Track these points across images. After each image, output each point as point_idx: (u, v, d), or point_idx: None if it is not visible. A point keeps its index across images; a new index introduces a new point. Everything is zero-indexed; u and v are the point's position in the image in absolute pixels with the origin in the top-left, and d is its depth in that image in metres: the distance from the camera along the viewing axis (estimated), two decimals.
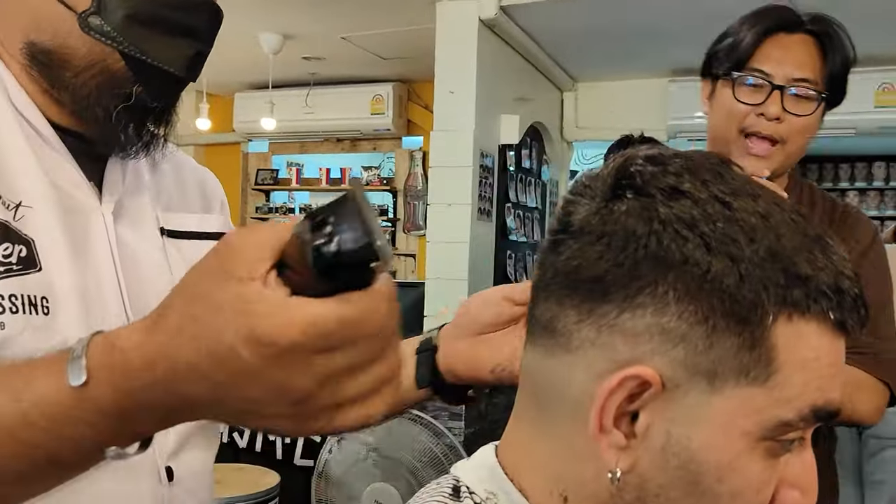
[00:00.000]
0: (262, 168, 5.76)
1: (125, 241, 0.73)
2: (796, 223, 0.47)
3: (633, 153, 0.50)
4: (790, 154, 1.17)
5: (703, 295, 0.45)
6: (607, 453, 0.47)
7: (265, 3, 3.61)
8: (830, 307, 0.45)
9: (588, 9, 3.41)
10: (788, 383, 0.45)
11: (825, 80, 1.16)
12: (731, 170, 0.49)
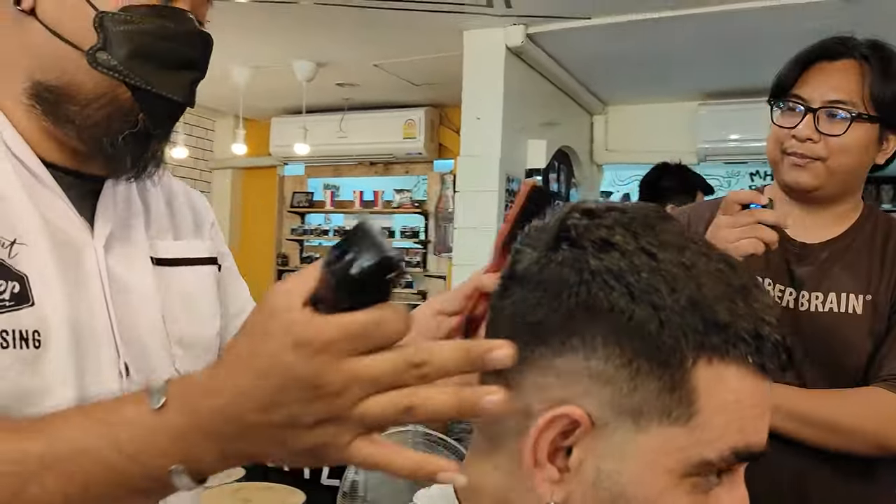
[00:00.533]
0: (298, 191, 5.88)
1: (116, 273, 0.76)
2: (721, 273, 0.50)
3: (575, 205, 0.54)
4: (834, 171, 1.20)
5: (627, 340, 0.48)
6: (542, 486, 0.51)
7: (299, 32, 3.73)
8: (749, 352, 0.48)
9: (616, 35, 3.45)
10: (709, 425, 0.48)
11: (870, 102, 1.19)
12: (666, 222, 0.52)
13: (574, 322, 0.49)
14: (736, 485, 0.53)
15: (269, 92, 4.83)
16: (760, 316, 0.49)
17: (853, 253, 1.25)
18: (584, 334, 0.49)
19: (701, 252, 0.50)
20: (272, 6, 3.37)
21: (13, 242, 0.69)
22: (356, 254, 0.44)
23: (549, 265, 0.51)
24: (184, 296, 0.84)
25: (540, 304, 0.51)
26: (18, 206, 0.70)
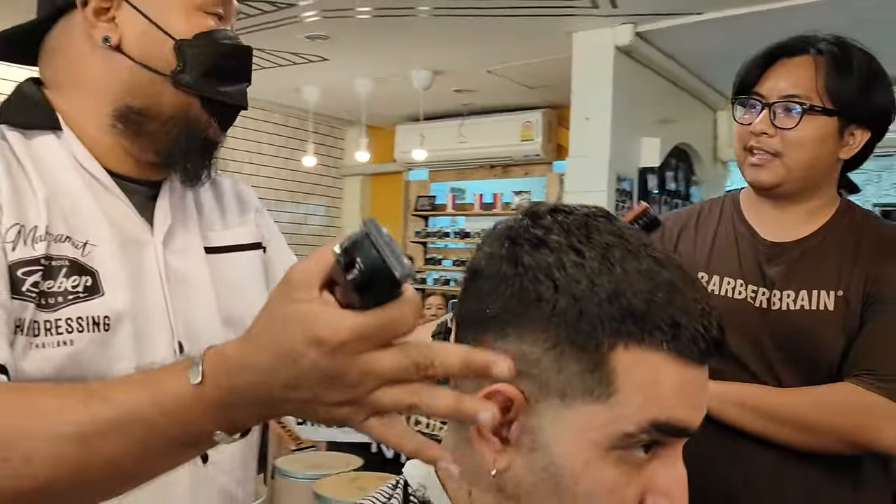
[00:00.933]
0: (422, 195, 6.08)
1: (173, 265, 0.89)
2: (647, 270, 0.55)
3: (528, 207, 0.61)
4: (791, 167, 1.21)
5: (552, 327, 0.54)
6: (487, 456, 0.58)
7: (415, 44, 3.89)
8: (665, 339, 0.53)
9: (731, 28, 3.35)
10: (628, 402, 0.54)
11: (826, 96, 1.19)
12: (608, 223, 0.58)
13: (510, 311, 0.56)
14: (673, 462, 0.57)
15: (392, 101, 5.05)
16: (680, 308, 0.54)
17: (824, 250, 1.23)
18: (518, 322, 0.56)
19: (630, 251, 0.56)
20: (391, 20, 3.54)
21: (85, 243, 0.81)
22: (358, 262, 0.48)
23: (493, 261, 0.58)
24: (233, 279, 0.95)
25: (487, 295, 0.58)
26: (88, 212, 0.83)
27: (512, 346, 0.56)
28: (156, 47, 0.84)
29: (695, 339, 0.54)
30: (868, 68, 1.21)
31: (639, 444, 0.55)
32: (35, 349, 0.76)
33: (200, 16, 0.85)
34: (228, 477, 0.91)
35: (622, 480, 0.56)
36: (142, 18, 0.84)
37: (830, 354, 1.20)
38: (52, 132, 0.86)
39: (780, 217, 1.27)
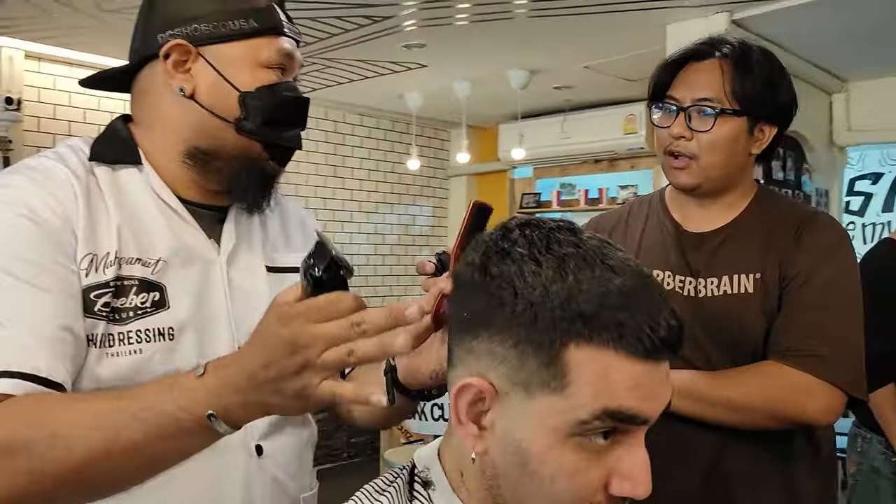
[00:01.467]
0: (527, 192, 6.13)
1: (236, 281, 1.02)
2: (600, 277, 0.62)
3: (505, 222, 0.69)
4: (707, 168, 1.29)
5: (514, 328, 0.62)
6: (466, 440, 0.66)
7: (510, 45, 3.96)
8: (612, 338, 0.60)
9: (838, 7, 3.21)
10: (581, 393, 0.61)
11: (732, 98, 1.26)
12: (571, 235, 0.65)
13: (481, 315, 0.65)
14: (635, 448, 0.64)
15: (492, 101, 5.13)
16: (627, 310, 0.60)
17: (743, 235, 1.29)
18: (488, 324, 0.64)
19: (585, 260, 0.63)
20: (486, 24, 3.63)
21: (158, 261, 0.95)
22: (318, 261, 0.68)
23: (469, 270, 0.67)
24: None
25: (464, 300, 0.67)
26: (160, 234, 0.97)
27: (484, 345, 0.65)
28: (223, 97, 0.97)
29: (639, 338, 0.60)
30: (768, 67, 1.28)
31: (596, 431, 0.62)
32: (109, 357, 0.89)
33: (263, 71, 0.98)
34: (280, 469, 1.02)
35: (583, 465, 0.63)
36: (213, 72, 0.97)
37: (754, 336, 1.27)
38: (135, 166, 1.00)
39: (701, 210, 1.34)
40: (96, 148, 0.99)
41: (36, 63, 4.08)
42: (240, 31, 0.97)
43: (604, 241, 0.66)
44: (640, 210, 1.47)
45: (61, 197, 0.90)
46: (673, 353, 0.64)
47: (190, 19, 0.98)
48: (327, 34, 3.71)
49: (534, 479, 0.64)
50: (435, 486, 0.73)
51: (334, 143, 5.46)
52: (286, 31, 1.01)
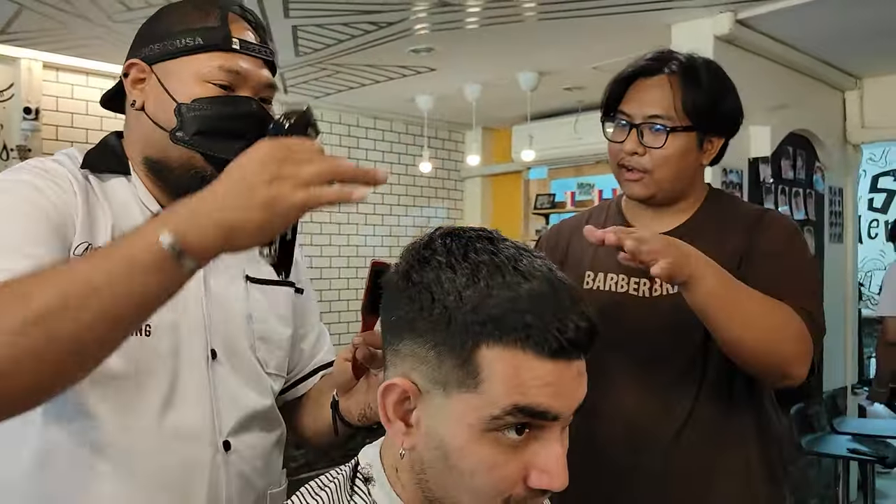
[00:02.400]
0: (541, 193, 6.14)
1: (213, 287, 1.07)
2: (511, 283, 0.65)
3: (431, 233, 0.73)
4: (659, 182, 1.33)
5: (431, 331, 0.66)
6: (395, 437, 0.70)
7: (519, 48, 3.98)
8: (519, 338, 0.63)
9: (846, 4, 3.19)
10: (492, 391, 0.64)
11: (683, 114, 1.30)
12: (490, 244, 0.69)
13: (405, 318, 0.68)
14: (551, 443, 0.67)
15: (504, 103, 5.15)
16: (534, 313, 0.64)
17: (694, 235, 1.32)
18: (411, 327, 0.68)
19: (498, 267, 0.66)
20: (495, 27, 3.66)
21: None
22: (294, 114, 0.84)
23: (395, 277, 0.71)
24: (267, 305, 1.12)
25: (391, 305, 0.70)
26: None
27: (407, 347, 0.68)
28: (164, 109, 1.02)
29: (546, 338, 0.63)
30: (715, 81, 1.31)
31: (509, 426, 0.65)
32: None
33: (204, 85, 1.01)
34: (248, 465, 1.05)
35: (500, 459, 0.66)
36: (159, 85, 1.02)
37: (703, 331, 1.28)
38: (124, 176, 1.06)
39: (655, 215, 1.38)
40: (88, 158, 1.06)
41: (54, 73, 4.19)
42: (184, 48, 1.01)
43: (522, 249, 0.69)
44: (598, 215, 1.51)
45: (64, 190, 0.98)
46: (583, 352, 0.67)
47: (149, 41, 1.05)
48: (335, 40, 3.76)
49: (455, 473, 0.67)
50: (375, 481, 0.76)
51: (348, 146, 5.52)
52: (236, 48, 1.03)
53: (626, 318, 1.35)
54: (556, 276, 0.67)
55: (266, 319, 1.11)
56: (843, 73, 4.24)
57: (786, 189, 3.90)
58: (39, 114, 4.05)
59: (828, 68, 4.10)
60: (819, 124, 4.16)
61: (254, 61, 1.04)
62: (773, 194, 3.80)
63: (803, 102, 4.03)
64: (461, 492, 0.68)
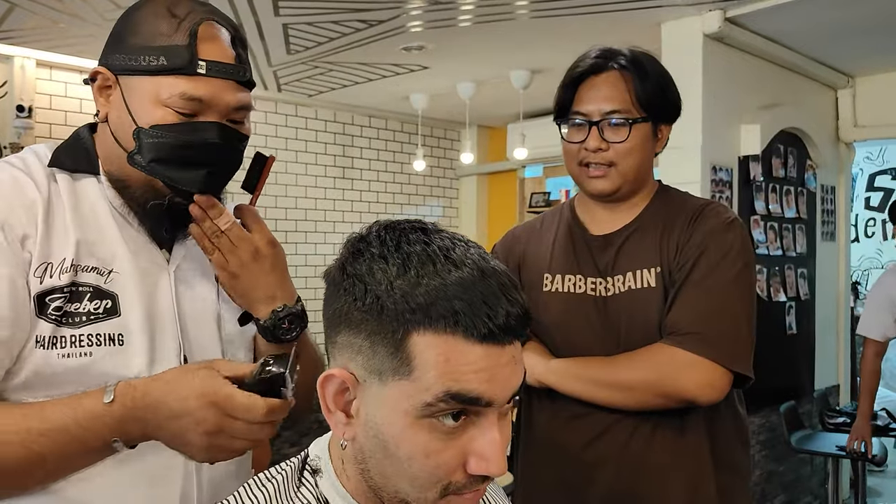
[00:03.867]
0: (536, 192, 6.15)
1: (183, 290, 1.05)
2: (440, 271, 0.66)
3: (371, 225, 0.73)
4: (625, 173, 1.36)
5: (365, 321, 0.67)
6: (336, 428, 0.71)
7: (512, 46, 3.99)
8: (448, 325, 0.64)
9: (835, 3, 3.19)
10: (424, 377, 0.65)
11: (640, 104, 1.33)
12: (418, 235, 0.69)
13: (341, 310, 0.69)
14: (487, 429, 0.68)
15: (498, 102, 5.16)
16: (463, 300, 0.64)
17: (643, 232, 1.34)
18: (347, 318, 0.69)
19: (429, 256, 0.67)
20: (487, 25, 3.67)
21: (110, 271, 0.99)
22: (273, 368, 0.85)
23: (332, 269, 0.72)
24: (235, 306, 1.10)
25: (329, 297, 0.71)
26: (114, 244, 1.01)
27: (344, 338, 0.69)
28: (124, 128, 0.99)
29: (475, 323, 0.64)
30: (659, 71, 1.33)
31: (444, 412, 0.66)
32: (60, 359, 0.94)
33: (165, 110, 0.96)
34: (218, 470, 1.05)
35: (437, 445, 0.67)
36: (122, 101, 0.98)
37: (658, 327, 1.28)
38: (94, 175, 1.03)
39: (607, 213, 1.39)
40: (57, 155, 1.02)
41: (47, 71, 4.20)
42: (147, 67, 0.95)
43: (457, 240, 0.70)
44: (552, 219, 1.53)
45: (21, 211, 0.94)
46: (515, 337, 0.67)
47: (115, 47, 0.99)
48: (326, 38, 3.77)
49: (393, 461, 0.68)
50: (323, 473, 0.77)
51: (343, 144, 5.53)
52: (201, 72, 0.96)
53: (583, 318, 1.37)
54: (488, 265, 0.68)
55: (233, 321, 1.11)
56: (835, 71, 4.25)
57: (776, 187, 3.90)
58: (33, 112, 4.07)
59: (819, 66, 4.10)
60: (811, 122, 4.16)
61: (222, 84, 0.98)
62: (764, 192, 3.80)
63: (795, 100, 4.03)
64: (401, 480, 0.69)
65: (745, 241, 1.35)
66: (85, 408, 0.86)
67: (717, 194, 3.49)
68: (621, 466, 1.33)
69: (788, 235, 3.98)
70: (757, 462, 3.75)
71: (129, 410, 0.85)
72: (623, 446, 1.33)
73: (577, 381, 1.33)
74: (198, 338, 1.06)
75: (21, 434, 0.85)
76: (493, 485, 0.90)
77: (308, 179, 5.33)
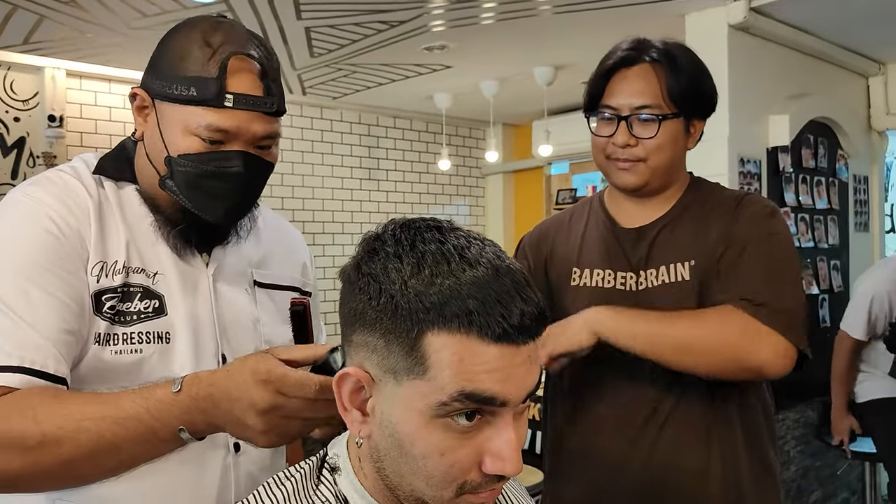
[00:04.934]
0: (562, 188, 6.11)
1: (222, 292, 1.11)
2: (455, 270, 0.66)
3: (386, 224, 0.74)
4: (655, 169, 1.32)
5: (379, 320, 0.67)
6: (352, 426, 0.71)
7: (534, 43, 3.98)
8: (462, 325, 0.64)
9: None
10: (439, 377, 0.65)
11: (669, 101, 1.29)
12: (433, 234, 0.69)
13: (357, 309, 0.69)
14: (503, 428, 0.67)
15: (522, 99, 5.14)
16: (477, 299, 0.64)
17: (677, 225, 1.30)
18: (362, 317, 0.69)
19: (443, 255, 0.67)
20: (508, 23, 3.66)
21: (155, 274, 1.05)
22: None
23: (348, 268, 0.72)
24: (274, 309, 1.16)
25: (345, 296, 0.72)
26: (158, 249, 1.07)
27: (360, 337, 0.70)
28: (157, 152, 1.04)
29: (489, 323, 0.64)
30: (693, 65, 1.28)
31: (458, 412, 0.66)
32: (113, 355, 1.00)
33: (193, 139, 1.00)
34: (255, 465, 1.10)
35: (452, 444, 0.67)
36: (156, 125, 1.03)
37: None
38: (135, 185, 1.09)
39: (638, 207, 1.35)
40: (103, 164, 1.09)
41: (77, 81, 4.28)
42: (178, 97, 1.00)
43: (473, 238, 0.70)
44: (581, 212, 1.51)
45: (76, 210, 1.01)
46: (529, 336, 0.67)
47: (154, 71, 1.04)
48: (348, 40, 3.79)
49: (409, 459, 0.68)
50: (341, 471, 0.78)
51: (368, 145, 5.56)
52: (228, 105, 0.99)
53: None
54: (502, 263, 0.68)
55: (272, 323, 1.15)
56: (865, 58, 4.16)
57: (807, 178, 3.83)
58: (64, 121, 4.14)
59: (849, 54, 4.02)
60: (841, 111, 4.08)
61: (248, 115, 1.01)
62: (794, 184, 3.74)
63: (824, 90, 3.96)
64: (416, 478, 0.69)
65: (788, 228, 1.35)
66: (156, 397, 0.88)
67: (746, 186, 3.44)
68: (650, 465, 1.31)
69: (820, 227, 3.91)
70: (792, 458, 3.69)
71: (193, 401, 0.87)
72: (652, 444, 1.31)
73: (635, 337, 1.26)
74: (236, 339, 1.10)
75: (97, 421, 0.87)
76: (512, 481, 0.90)
77: (334, 181, 5.36)
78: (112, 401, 0.89)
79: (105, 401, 0.90)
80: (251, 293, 1.15)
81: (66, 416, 0.87)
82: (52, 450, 0.87)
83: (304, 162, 5.21)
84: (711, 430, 1.31)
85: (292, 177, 5.15)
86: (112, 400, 0.90)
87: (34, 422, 0.87)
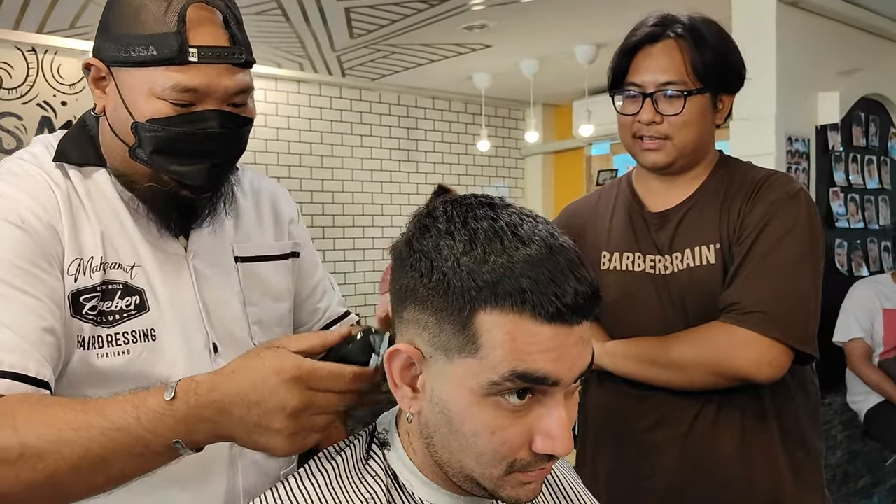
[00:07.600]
0: (603, 169, 6.05)
1: (205, 275, 1.02)
2: (507, 248, 0.65)
3: (437, 201, 0.73)
4: (681, 146, 1.30)
5: (431, 298, 0.67)
6: (402, 402, 0.71)
7: (574, 20, 3.93)
8: (515, 303, 0.63)
9: None
10: (491, 356, 0.65)
11: (694, 76, 1.26)
12: (485, 210, 0.69)
13: (409, 286, 0.69)
14: (554, 408, 0.67)
15: (563, 78, 5.08)
16: (530, 278, 0.64)
17: (702, 208, 1.30)
18: (414, 294, 0.69)
19: (496, 232, 0.66)
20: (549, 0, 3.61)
21: (132, 266, 0.97)
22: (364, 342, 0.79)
23: (400, 245, 0.72)
24: (261, 285, 1.08)
25: (397, 273, 0.72)
26: (133, 238, 0.98)
27: (411, 314, 0.70)
28: (122, 122, 0.94)
29: (542, 302, 0.63)
30: (719, 39, 1.27)
31: (509, 391, 0.65)
32: (100, 358, 0.93)
33: (161, 103, 0.90)
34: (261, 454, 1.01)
35: (503, 422, 0.66)
36: (117, 94, 0.93)
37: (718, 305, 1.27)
38: (103, 167, 1.00)
39: (666, 187, 1.34)
40: (62, 149, 0.98)
41: None
42: (137, 59, 0.90)
43: (525, 215, 0.69)
44: (609, 194, 1.49)
45: (46, 204, 0.92)
46: (584, 317, 0.66)
47: (105, 35, 0.94)
48: (388, 20, 3.78)
49: (459, 437, 0.68)
50: (391, 446, 0.78)
51: (407, 127, 5.56)
52: (193, 59, 0.90)
53: (644, 296, 1.33)
54: (556, 241, 0.67)
55: (260, 301, 1.09)
56: None
57: (857, 157, 3.72)
58: None
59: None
60: (894, 88, 3.95)
61: (217, 69, 0.91)
62: (844, 163, 3.63)
63: (877, 65, 3.83)
64: (466, 455, 0.69)
65: (811, 214, 1.28)
66: (148, 405, 0.77)
67: (794, 166, 3.36)
68: (686, 449, 1.30)
69: (871, 207, 3.81)
70: (839, 442, 3.62)
71: (193, 409, 0.76)
72: (688, 428, 1.30)
73: (630, 362, 1.30)
74: (224, 323, 1.04)
75: (81, 432, 0.77)
76: (560, 460, 0.90)
77: (373, 163, 5.38)
78: (98, 409, 0.79)
79: (91, 409, 0.79)
80: (235, 270, 1.06)
81: (48, 425, 0.78)
82: (34, 463, 0.76)
83: (344, 144, 5.24)
84: (746, 413, 1.29)
85: (332, 158, 5.17)
86: (99, 408, 0.79)
87: (13, 431, 0.77)
